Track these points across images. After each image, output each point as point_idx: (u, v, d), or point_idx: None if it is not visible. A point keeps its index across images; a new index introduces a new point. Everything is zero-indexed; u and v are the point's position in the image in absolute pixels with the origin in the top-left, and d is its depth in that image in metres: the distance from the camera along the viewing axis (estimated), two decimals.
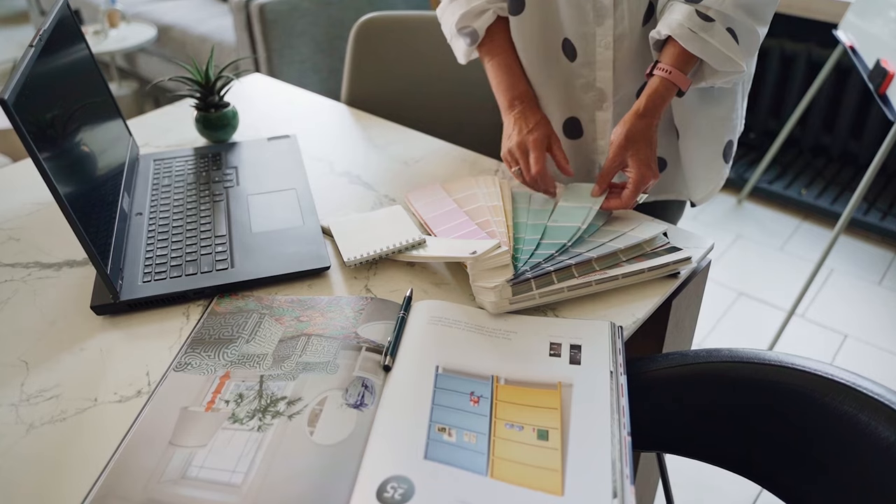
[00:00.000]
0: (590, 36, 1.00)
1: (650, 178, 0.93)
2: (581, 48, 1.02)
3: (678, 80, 0.92)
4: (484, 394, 0.71)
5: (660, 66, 0.93)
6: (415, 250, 0.90)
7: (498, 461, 0.63)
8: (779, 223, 2.57)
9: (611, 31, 0.98)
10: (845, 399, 0.70)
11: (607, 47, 1.00)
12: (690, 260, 0.89)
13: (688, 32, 0.90)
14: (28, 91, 0.76)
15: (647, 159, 0.93)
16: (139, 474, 0.64)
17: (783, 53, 2.60)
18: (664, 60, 0.93)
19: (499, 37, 1.08)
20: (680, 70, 0.92)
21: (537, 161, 0.97)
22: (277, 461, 0.64)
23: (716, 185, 1.11)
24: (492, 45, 1.08)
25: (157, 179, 1.09)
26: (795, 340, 2.04)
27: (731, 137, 1.08)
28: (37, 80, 0.81)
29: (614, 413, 0.69)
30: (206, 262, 0.90)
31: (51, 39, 0.88)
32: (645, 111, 0.93)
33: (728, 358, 0.78)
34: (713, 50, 0.90)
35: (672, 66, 0.92)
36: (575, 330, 0.79)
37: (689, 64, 0.93)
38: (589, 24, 0.98)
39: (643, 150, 0.93)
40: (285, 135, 1.23)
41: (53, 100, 0.86)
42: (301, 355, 0.76)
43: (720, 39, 0.90)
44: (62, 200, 0.75)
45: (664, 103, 0.94)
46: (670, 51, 0.93)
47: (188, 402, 0.71)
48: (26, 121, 0.73)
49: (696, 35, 0.89)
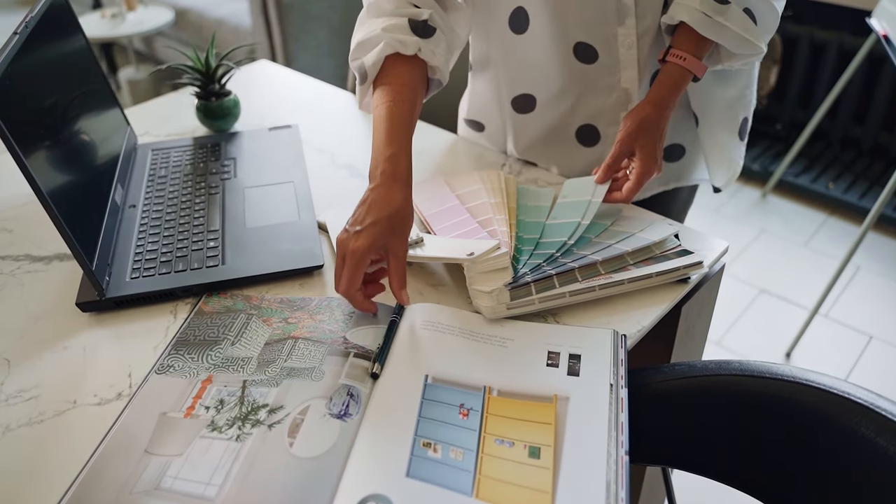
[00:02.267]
0: (611, 37, 0.93)
1: (654, 171, 0.88)
2: (603, 50, 0.94)
3: (693, 66, 0.87)
4: (474, 406, 0.67)
5: (673, 53, 0.88)
6: (410, 250, 0.87)
7: (485, 480, 0.60)
8: (804, 218, 2.49)
9: (633, 29, 0.91)
10: (862, 420, 0.65)
11: (631, 47, 0.93)
12: (702, 265, 0.84)
13: (702, 17, 0.84)
14: (8, 81, 0.74)
15: (654, 151, 0.88)
16: (111, 484, 0.61)
17: (813, 42, 2.50)
18: (678, 46, 0.88)
19: (390, 78, 0.84)
20: (695, 56, 0.87)
21: (349, 279, 0.73)
22: (254, 474, 0.61)
23: (736, 167, 1.05)
24: (382, 86, 0.84)
25: (153, 170, 1.07)
26: (817, 341, 1.98)
27: (745, 114, 1.03)
28: (20, 69, 0.78)
29: (612, 430, 0.65)
30: (197, 259, 0.87)
31: (39, 26, 0.86)
32: (659, 100, 0.88)
33: (738, 371, 0.74)
34: (730, 34, 0.85)
35: (686, 52, 0.87)
36: (575, 338, 0.75)
37: (703, 49, 0.88)
38: (610, 24, 0.92)
39: (652, 142, 0.88)
40: (287, 125, 1.19)
41: (40, 90, 0.83)
42: (286, 360, 0.73)
43: (737, 22, 0.85)
44: (41, 193, 0.73)
45: (679, 91, 0.89)
46: (684, 36, 0.87)
47: (168, 408, 0.69)
48: (4, 112, 0.70)
49: (711, 19, 0.84)
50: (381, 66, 0.84)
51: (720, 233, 2.38)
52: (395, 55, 0.84)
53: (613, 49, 0.94)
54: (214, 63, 1.16)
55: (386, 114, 0.81)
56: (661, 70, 0.90)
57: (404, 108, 0.81)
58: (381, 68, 0.85)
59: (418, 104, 0.85)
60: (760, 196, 2.61)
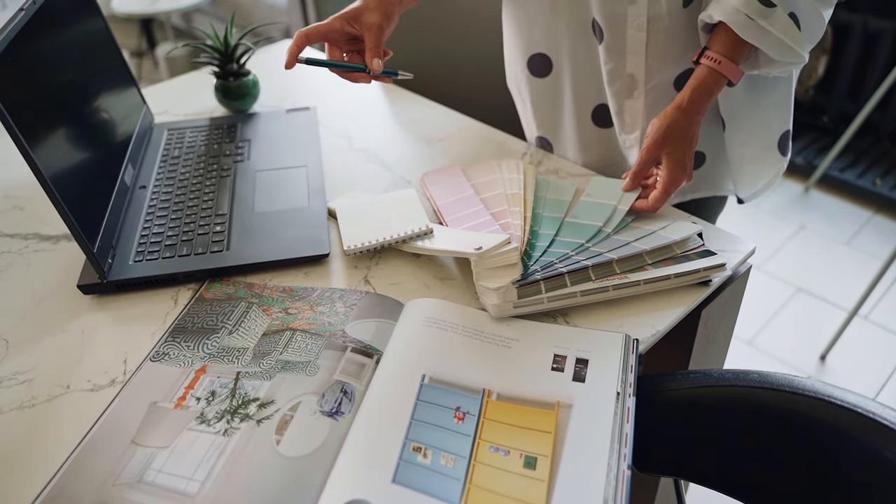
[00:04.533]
0: (620, 16, 0.88)
1: (682, 180, 0.83)
2: (609, 30, 0.90)
3: (728, 70, 0.81)
4: (471, 410, 0.64)
5: (708, 55, 0.82)
6: (419, 241, 0.84)
7: (474, 490, 0.57)
8: (848, 215, 2.38)
9: (644, 10, 0.86)
10: (888, 444, 0.61)
11: (639, 29, 0.88)
12: (725, 267, 0.79)
13: (744, 19, 0.78)
14: (10, 58, 0.72)
15: (683, 159, 0.83)
16: (95, 474, 0.60)
17: (866, 30, 2.38)
18: (714, 48, 0.82)
19: None
20: (731, 60, 0.81)
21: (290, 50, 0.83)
22: (237, 471, 0.59)
23: (769, 182, 0.99)
24: None
25: (167, 151, 1.05)
26: (855, 344, 1.89)
27: (787, 127, 0.96)
28: (26, 46, 0.76)
29: (615, 442, 0.61)
30: (202, 243, 0.85)
31: (49, 3, 0.84)
32: (689, 105, 0.83)
33: (756, 383, 0.69)
34: (773, 39, 0.79)
35: (722, 54, 0.81)
36: (584, 341, 0.72)
37: (741, 53, 0.81)
38: (620, 2, 0.87)
39: (680, 149, 0.83)
40: (305, 107, 1.17)
41: (48, 68, 0.81)
42: (282, 352, 0.71)
43: (781, 27, 0.78)
44: (39, 173, 0.72)
45: (711, 97, 0.83)
46: (721, 37, 0.81)
47: (159, 397, 0.67)
48: (5, 90, 0.69)
49: (754, 22, 0.78)
50: None
51: (757, 228, 2.29)
52: None
53: (621, 30, 0.89)
54: (234, 42, 1.14)
55: None
56: (694, 73, 0.84)
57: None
58: None
59: None
60: (802, 191, 2.51)
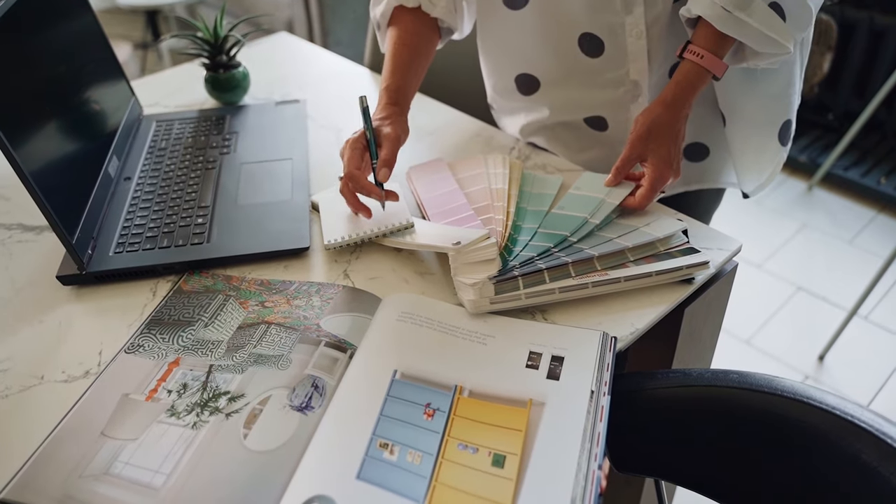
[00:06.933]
0: (618, 27, 0.87)
1: (669, 176, 0.82)
2: (609, 41, 0.89)
3: (712, 65, 0.80)
4: (441, 406, 0.63)
5: (691, 49, 0.81)
6: (400, 235, 0.83)
7: (440, 488, 0.56)
8: (851, 214, 2.36)
9: (642, 18, 0.85)
10: (864, 446, 0.60)
11: (639, 37, 0.87)
12: (708, 265, 0.78)
13: (721, 12, 0.77)
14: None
15: (669, 156, 0.82)
16: (63, 466, 0.60)
17: (872, 27, 2.35)
18: (696, 42, 0.81)
19: (396, 27, 0.95)
20: (714, 53, 0.80)
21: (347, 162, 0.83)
22: (203, 464, 0.59)
23: (771, 173, 0.97)
24: (390, 33, 0.96)
25: (154, 143, 1.05)
26: (854, 344, 1.88)
27: (788, 117, 0.94)
28: (3, 37, 0.76)
29: (586, 441, 0.60)
30: (182, 235, 0.85)
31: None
32: (672, 101, 0.82)
33: (736, 384, 0.68)
34: (752, 31, 0.78)
35: (705, 48, 0.80)
36: (561, 338, 0.71)
37: (724, 46, 0.80)
38: (617, 13, 0.86)
39: (665, 145, 0.82)
40: (295, 99, 1.16)
41: (29, 60, 0.81)
42: (256, 346, 0.70)
43: (760, 18, 0.77)
44: (15, 162, 0.71)
45: (695, 91, 0.82)
46: (703, 32, 0.80)
47: (131, 389, 0.67)
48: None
49: (731, 14, 0.77)
50: (389, 16, 0.96)
51: (760, 225, 2.27)
52: (401, 7, 0.94)
53: (621, 40, 0.88)
54: (223, 33, 1.14)
55: (388, 56, 0.94)
56: (678, 68, 0.83)
57: (403, 52, 0.93)
58: (390, 18, 0.96)
59: (422, 48, 0.95)
60: (806, 189, 2.48)
